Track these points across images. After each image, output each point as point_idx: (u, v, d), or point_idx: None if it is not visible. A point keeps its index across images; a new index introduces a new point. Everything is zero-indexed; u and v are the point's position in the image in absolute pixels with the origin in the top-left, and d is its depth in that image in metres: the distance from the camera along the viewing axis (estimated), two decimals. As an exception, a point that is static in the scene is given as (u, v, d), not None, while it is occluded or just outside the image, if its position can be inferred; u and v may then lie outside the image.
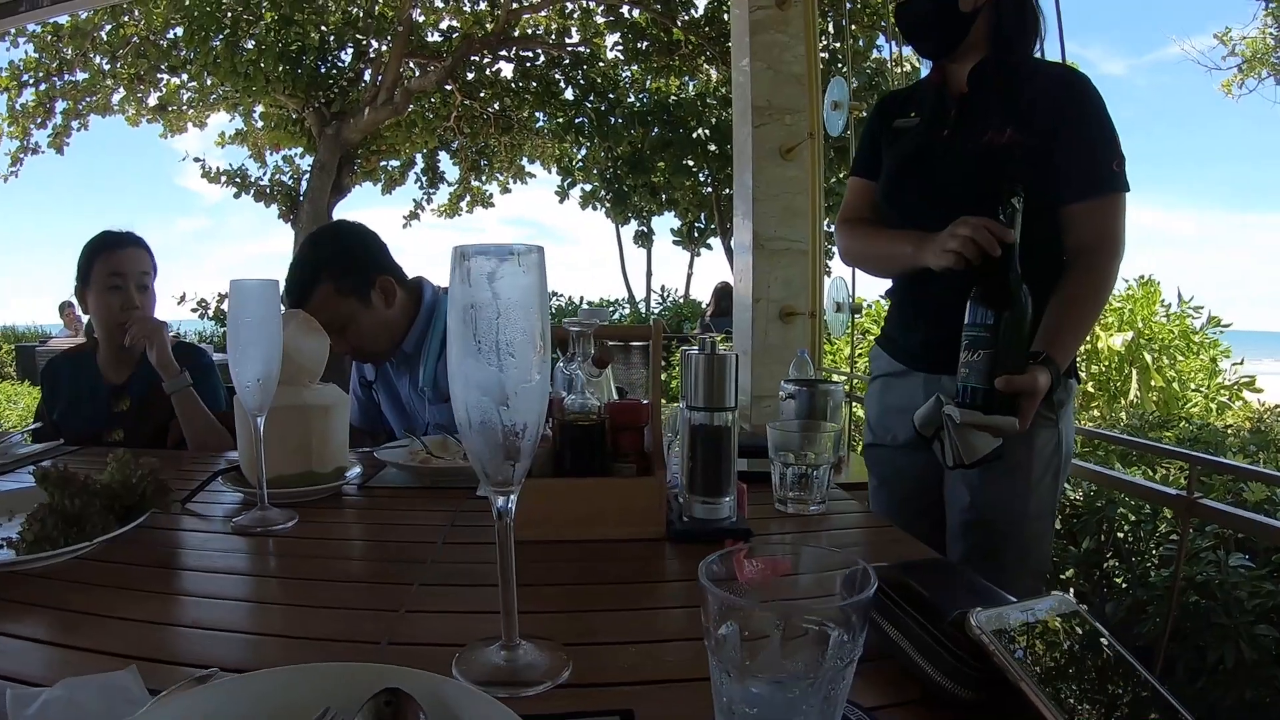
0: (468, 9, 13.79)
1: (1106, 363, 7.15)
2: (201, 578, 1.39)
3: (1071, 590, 3.49)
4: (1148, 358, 7.14)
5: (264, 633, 1.15)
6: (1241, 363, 7.51)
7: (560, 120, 15.42)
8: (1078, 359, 2.23)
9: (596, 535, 1.52)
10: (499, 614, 1.00)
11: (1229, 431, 5.08)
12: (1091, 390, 7.06)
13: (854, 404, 5.10)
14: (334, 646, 1.08)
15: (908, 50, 5.67)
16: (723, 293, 11.19)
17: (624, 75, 15.43)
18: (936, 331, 2.15)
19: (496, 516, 0.96)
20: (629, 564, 1.45)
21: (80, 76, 13.17)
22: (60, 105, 13.31)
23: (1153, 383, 7.09)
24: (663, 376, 9.51)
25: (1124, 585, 3.31)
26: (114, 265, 2.72)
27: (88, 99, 13.45)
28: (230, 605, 1.26)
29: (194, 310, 12.99)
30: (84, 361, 2.84)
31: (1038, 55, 2.32)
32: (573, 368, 1.56)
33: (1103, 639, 0.90)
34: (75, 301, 3.13)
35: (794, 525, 1.69)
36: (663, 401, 1.73)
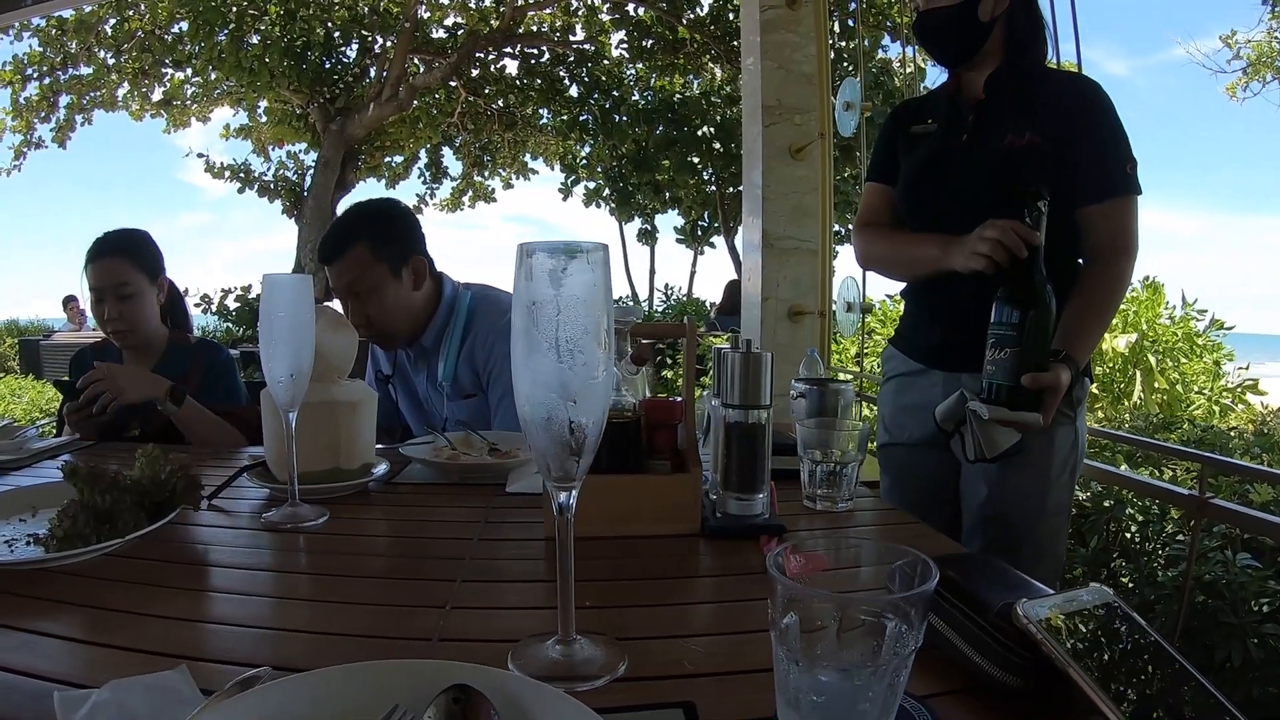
0: (473, 6, 13.82)
1: (1111, 364, 7.17)
2: (236, 574, 1.38)
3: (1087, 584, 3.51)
4: (1151, 360, 7.16)
5: (307, 630, 1.15)
6: (1247, 367, 7.53)
7: (564, 117, 15.45)
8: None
9: (633, 531, 1.53)
10: (542, 609, 1.02)
11: (1233, 434, 5.10)
12: (1096, 391, 7.07)
13: (862, 403, 5.11)
14: (383, 643, 1.08)
15: (912, 51, 5.69)
16: (732, 290, 11.17)
17: (628, 73, 15.45)
18: (956, 331, 2.18)
19: (558, 512, 0.97)
20: (666, 560, 1.46)
21: (84, 71, 13.22)
22: (64, 99, 13.35)
23: (1156, 385, 7.11)
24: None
25: (1130, 585, 3.33)
26: (91, 279, 2.75)
27: (91, 93, 13.49)
28: (268, 602, 1.27)
29: (197, 305, 12.99)
30: (108, 355, 2.86)
31: (1051, 63, 2.36)
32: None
33: (1142, 629, 0.92)
34: (79, 296, 3.12)
35: (824, 522, 1.70)
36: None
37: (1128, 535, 3.50)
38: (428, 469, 2.06)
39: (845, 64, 11.49)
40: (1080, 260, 2.17)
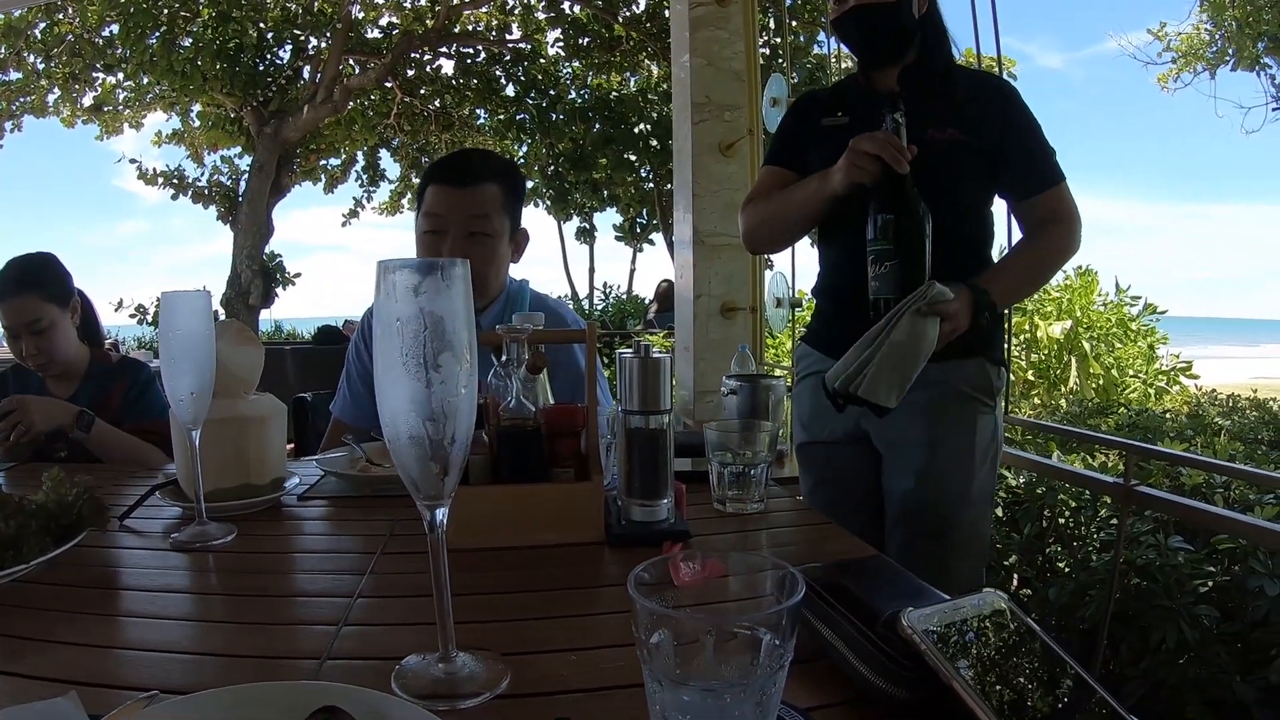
0: (407, 5, 13.74)
1: (1046, 351, 7.25)
2: (141, 597, 1.36)
3: (1015, 576, 3.54)
4: (1086, 346, 7.25)
5: (204, 652, 1.12)
6: (1178, 355, 7.65)
7: (501, 117, 15.41)
8: (1016, 348, 2.29)
9: (536, 541, 1.52)
10: (435, 625, 1.00)
11: (1167, 416, 5.17)
12: (1031, 378, 7.15)
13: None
14: (273, 664, 1.07)
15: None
16: (666, 293, 11.28)
17: (565, 71, 15.45)
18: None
19: (429, 529, 0.96)
20: (569, 569, 1.45)
21: (13, 76, 12.97)
22: (-8, 106, 13.11)
23: (1092, 370, 7.20)
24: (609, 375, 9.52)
25: (1066, 570, 3.36)
26: (1, 318, 2.68)
27: (21, 99, 13.25)
28: (170, 625, 1.24)
29: (132, 316, 12.84)
30: (30, 378, 2.78)
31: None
32: (508, 373, 1.56)
33: (1034, 634, 0.91)
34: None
35: (733, 525, 1.69)
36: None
37: (1061, 521, 3.53)
38: (341, 482, 2.03)
39: (780, 60, 11.54)
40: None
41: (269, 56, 13.37)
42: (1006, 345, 2.29)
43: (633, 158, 15.84)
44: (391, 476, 1.96)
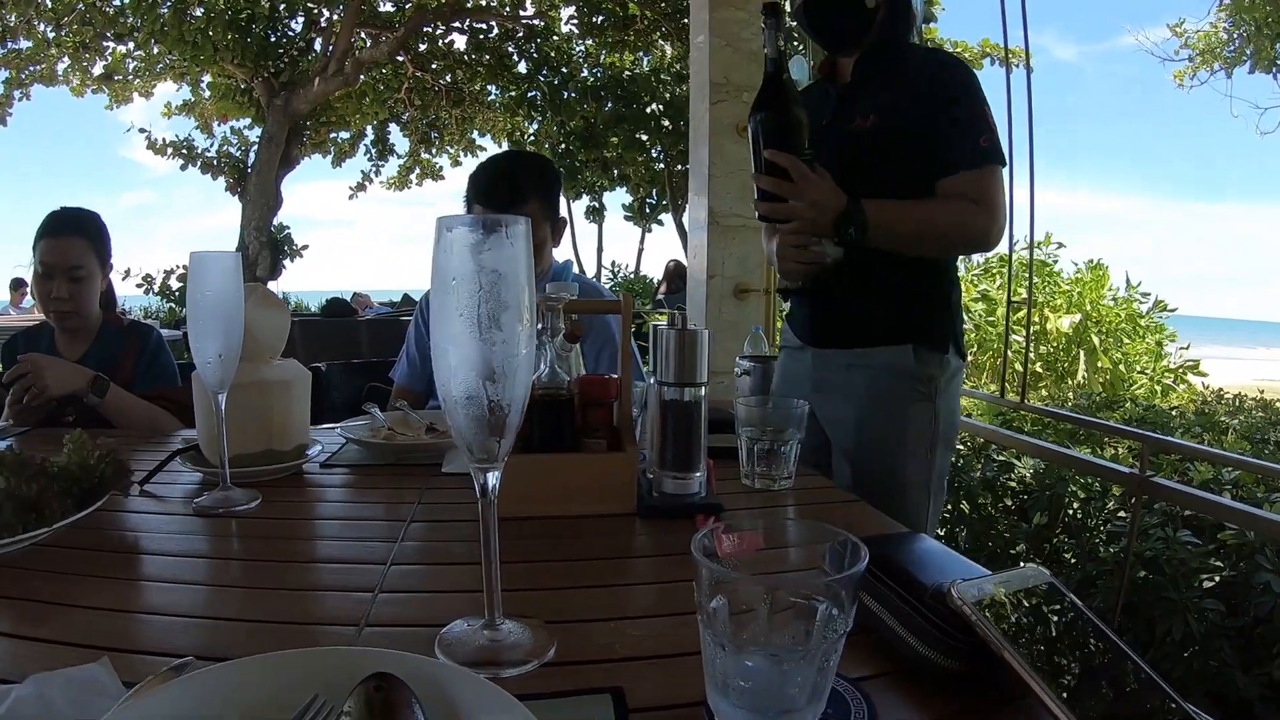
0: (422, -21, 13.65)
1: (1054, 344, 7.25)
2: (166, 562, 1.34)
3: (1022, 565, 3.55)
4: (1095, 340, 7.25)
5: (235, 618, 1.11)
6: (1188, 347, 7.65)
7: (512, 94, 15.38)
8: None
9: (568, 512, 1.51)
10: (474, 593, 0.99)
11: (1174, 413, 5.17)
12: (1040, 370, 7.15)
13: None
14: (310, 631, 1.06)
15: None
16: (675, 273, 11.30)
17: (578, 49, 15.41)
18: (820, 308, 2.28)
19: (480, 493, 0.95)
20: (601, 540, 1.44)
21: (24, 44, 12.87)
22: (1, 74, 13.02)
23: (1100, 364, 7.20)
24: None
25: (1073, 560, 3.36)
26: (44, 254, 2.66)
27: (31, 68, 13.16)
28: (197, 590, 1.22)
29: (139, 286, 12.82)
30: (41, 339, 2.78)
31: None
32: (542, 342, 1.55)
33: (1079, 610, 0.91)
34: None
35: (762, 500, 1.69)
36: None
37: (1070, 512, 3.53)
38: (364, 450, 2.03)
39: (796, 44, 11.48)
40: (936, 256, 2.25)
41: (281, 28, 13.31)
42: (957, 327, 2.26)
43: (644, 137, 15.82)
44: (416, 445, 1.97)
